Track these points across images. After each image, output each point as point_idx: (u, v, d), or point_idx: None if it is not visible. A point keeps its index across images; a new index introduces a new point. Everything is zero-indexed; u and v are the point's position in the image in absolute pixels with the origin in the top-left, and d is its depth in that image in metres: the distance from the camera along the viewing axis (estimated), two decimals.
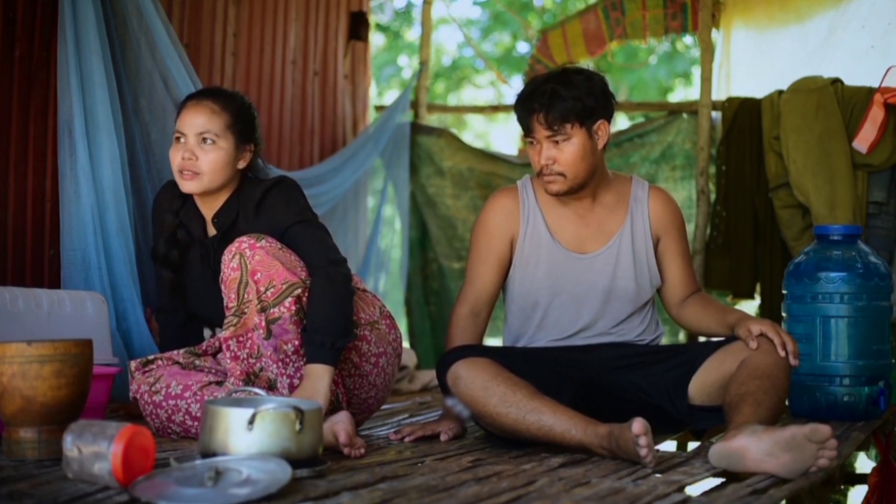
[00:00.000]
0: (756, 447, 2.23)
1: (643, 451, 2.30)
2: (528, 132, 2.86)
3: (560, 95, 2.79)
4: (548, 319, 2.94)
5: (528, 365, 2.75)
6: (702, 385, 2.78)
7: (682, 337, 4.76)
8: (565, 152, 2.81)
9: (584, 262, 2.92)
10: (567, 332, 2.94)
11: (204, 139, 2.78)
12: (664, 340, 3.37)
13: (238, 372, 2.64)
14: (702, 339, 3.98)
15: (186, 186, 2.80)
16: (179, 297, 2.97)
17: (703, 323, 2.94)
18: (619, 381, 2.86)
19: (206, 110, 2.80)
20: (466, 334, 2.92)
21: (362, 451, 2.47)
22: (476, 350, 2.76)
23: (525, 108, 2.83)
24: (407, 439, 2.76)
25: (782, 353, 2.66)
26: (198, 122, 2.79)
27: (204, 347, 2.87)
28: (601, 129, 2.84)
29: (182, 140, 2.80)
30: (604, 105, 2.84)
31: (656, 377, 2.84)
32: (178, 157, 2.79)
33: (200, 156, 2.78)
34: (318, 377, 2.57)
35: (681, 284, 2.99)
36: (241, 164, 2.85)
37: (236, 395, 2.44)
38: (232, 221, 2.81)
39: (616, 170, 4.90)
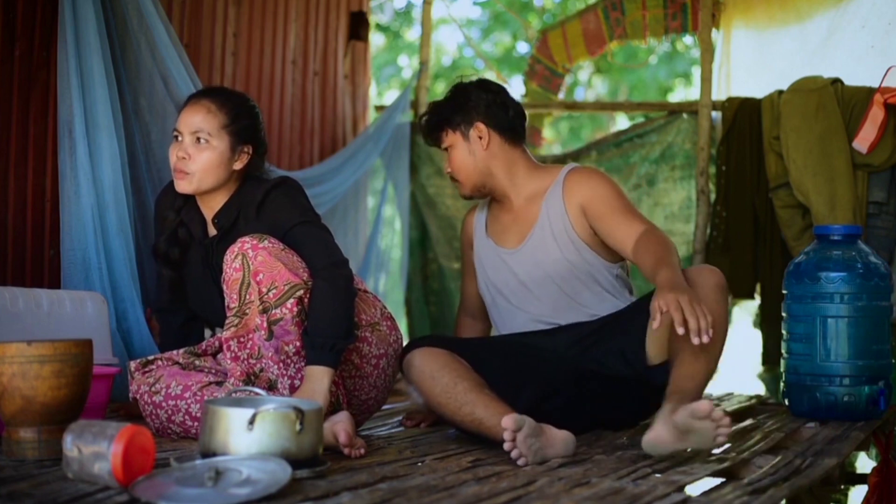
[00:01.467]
0: (666, 433, 2.43)
1: (507, 446, 2.37)
2: None
3: (434, 110, 3.10)
4: (510, 311, 3.06)
5: (494, 358, 2.85)
6: (655, 342, 2.84)
7: None
8: (451, 159, 3.08)
9: (516, 256, 3.06)
10: (533, 317, 3.02)
11: (198, 138, 2.78)
12: None
13: (238, 372, 2.63)
14: None
15: (179, 186, 2.81)
16: (179, 295, 2.97)
17: (647, 274, 2.79)
18: (582, 360, 2.91)
19: (203, 109, 2.80)
20: (467, 335, 3.22)
21: (362, 451, 2.47)
22: (437, 340, 2.86)
23: None
24: (423, 425, 3.03)
25: (680, 331, 2.47)
26: (193, 120, 2.79)
27: (204, 348, 2.87)
28: (478, 130, 3.03)
29: (179, 139, 2.81)
30: (470, 109, 3.04)
31: (615, 348, 2.90)
32: (174, 156, 2.81)
33: (193, 155, 2.78)
34: (318, 379, 2.57)
35: (624, 234, 2.90)
36: (238, 166, 2.82)
37: (236, 395, 2.44)
38: (232, 222, 2.81)
39: (616, 170, 4.93)
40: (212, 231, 2.88)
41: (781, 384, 3.41)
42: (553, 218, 3.01)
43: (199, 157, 2.77)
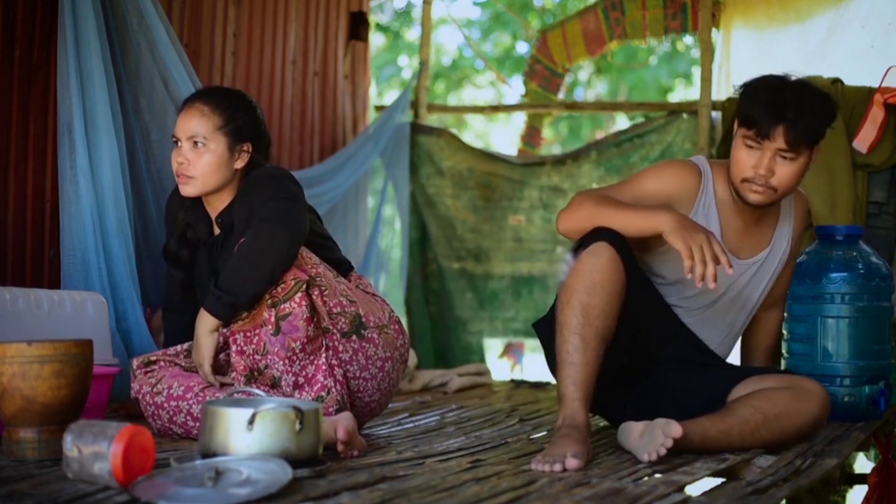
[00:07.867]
0: (638, 427, 2.46)
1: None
2: (758, 135, 2.68)
3: (814, 116, 2.68)
4: (680, 304, 2.86)
5: (638, 299, 2.65)
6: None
7: None
8: (788, 170, 2.70)
9: (735, 268, 2.74)
10: (703, 337, 2.89)
11: (195, 143, 2.83)
12: None
13: (241, 367, 2.63)
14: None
15: (184, 190, 2.87)
16: (189, 296, 2.98)
17: (745, 351, 2.99)
18: (673, 373, 2.80)
19: (197, 113, 2.84)
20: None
21: (356, 453, 2.46)
22: (621, 245, 2.59)
23: (771, 113, 2.67)
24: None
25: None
26: (189, 125, 2.83)
27: None
28: (818, 151, 2.75)
29: (178, 144, 2.86)
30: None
31: (706, 385, 2.76)
32: (175, 162, 2.86)
33: (192, 159, 2.83)
34: (201, 324, 2.62)
35: (777, 305, 3.05)
36: (239, 164, 2.86)
37: (236, 396, 2.44)
38: (233, 221, 2.82)
39: (616, 170, 4.93)
40: (216, 231, 2.90)
41: None
42: (775, 255, 2.92)
43: (199, 161, 2.82)
